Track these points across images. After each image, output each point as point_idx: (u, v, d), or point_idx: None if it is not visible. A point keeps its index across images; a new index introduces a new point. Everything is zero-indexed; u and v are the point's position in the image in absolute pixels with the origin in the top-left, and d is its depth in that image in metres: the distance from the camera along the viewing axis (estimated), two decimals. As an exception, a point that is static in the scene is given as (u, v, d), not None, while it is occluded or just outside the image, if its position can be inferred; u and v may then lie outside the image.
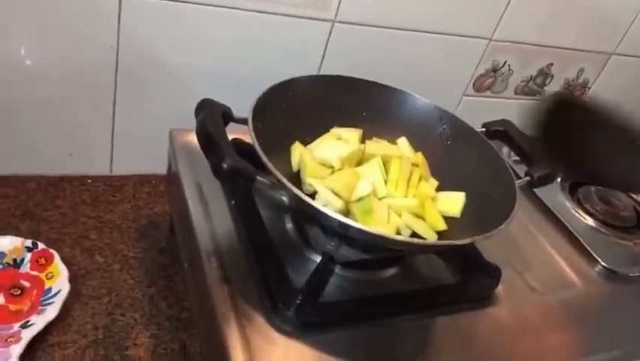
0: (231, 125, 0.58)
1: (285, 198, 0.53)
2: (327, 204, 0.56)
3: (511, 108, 1.05)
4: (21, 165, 0.78)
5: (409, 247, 0.55)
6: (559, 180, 0.85)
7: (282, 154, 0.62)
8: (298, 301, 0.52)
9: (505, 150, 0.84)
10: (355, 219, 0.56)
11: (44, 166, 0.79)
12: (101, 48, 0.71)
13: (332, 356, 0.52)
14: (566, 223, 0.80)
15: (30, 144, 0.77)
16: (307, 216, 0.58)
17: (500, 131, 0.71)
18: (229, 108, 0.58)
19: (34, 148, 0.78)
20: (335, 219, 0.50)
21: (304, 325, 0.53)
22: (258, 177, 0.51)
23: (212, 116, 0.54)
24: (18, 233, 0.70)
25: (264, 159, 0.52)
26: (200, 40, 0.75)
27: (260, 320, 0.53)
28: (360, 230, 0.49)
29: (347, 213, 0.58)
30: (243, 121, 0.57)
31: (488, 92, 1.02)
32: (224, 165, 0.49)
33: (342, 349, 0.53)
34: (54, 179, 0.80)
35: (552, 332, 0.64)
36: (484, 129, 0.71)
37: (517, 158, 0.72)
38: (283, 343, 0.52)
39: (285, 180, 0.51)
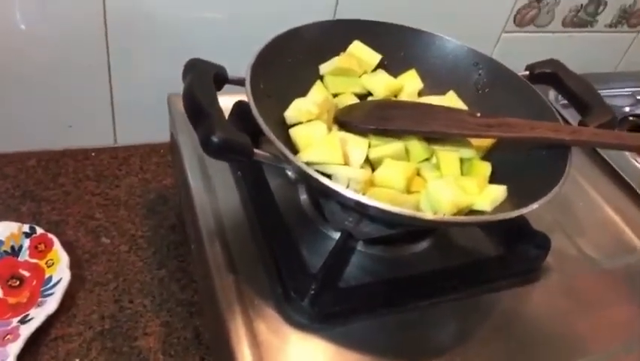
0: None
1: (290, 174, 0.45)
2: (350, 181, 0.48)
3: (559, 45, 0.93)
4: (19, 142, 0.73)
5: (442, 225, 0.47)
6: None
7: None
8: (313, 291, 0.45)
9: (552, 94, 0.74)
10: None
11: (44, 141, 0.74)
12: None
13: (355, 350, 0.45)
14: (625, 178, 0.70)
15: (27, 118, 0.71)
16: (320, 191, 0.50)
17: (547, 73, 0.60)
18: (223, 68, 0.50)
19: (31, 121, 0.72)
20: (353, 200, 0.42)
21: (322, 316, 0.46)
22: (257, 151, 0.43)
23: (200, 80, 0.46)
24: (18, 216, 0.65)
25: (264, 126, 0.44)
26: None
27: (270, 312, 0.46)
28: (387, 211, 0.41)
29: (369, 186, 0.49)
30: (241, 82, 0.49)
31: (531, 27, 0.90)
32: (214, 139, 0.40)
33: (367, 341, 0.46)
34: (55, 154, 0.75)
35: (613, 307, 0.55)
36: (527, 73, 0.61)
37: (565, 102, 0.61)
38: (297, 338, 0.45)
39: (289, 153, 0.43)
